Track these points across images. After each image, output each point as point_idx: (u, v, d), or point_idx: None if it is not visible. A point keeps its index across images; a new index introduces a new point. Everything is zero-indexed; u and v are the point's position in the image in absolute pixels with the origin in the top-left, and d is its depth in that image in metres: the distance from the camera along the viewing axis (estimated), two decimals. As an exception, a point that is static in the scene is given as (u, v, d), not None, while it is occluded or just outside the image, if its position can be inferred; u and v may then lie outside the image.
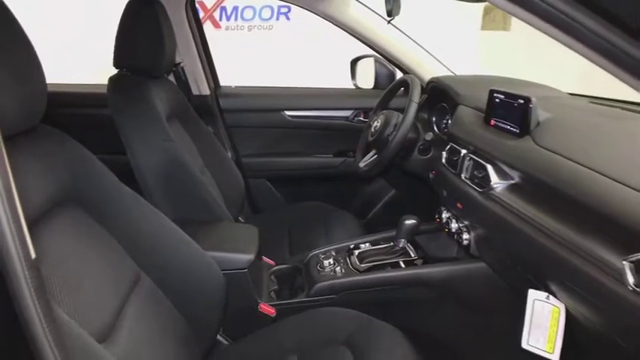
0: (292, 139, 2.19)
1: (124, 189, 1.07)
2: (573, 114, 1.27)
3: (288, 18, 4.73)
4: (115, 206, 1.05)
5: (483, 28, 4.36)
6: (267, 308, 1.38)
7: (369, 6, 1.91)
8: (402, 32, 1.92)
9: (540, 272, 1.05)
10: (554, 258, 0.94)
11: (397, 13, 1.32)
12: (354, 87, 2.22)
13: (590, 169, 0.92)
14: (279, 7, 4.73)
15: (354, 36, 1.97)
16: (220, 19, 4.66)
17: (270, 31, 4.81)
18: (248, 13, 4.73)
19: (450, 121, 1.60)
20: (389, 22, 1.46)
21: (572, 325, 1.01)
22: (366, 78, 2.17)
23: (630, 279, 0.76)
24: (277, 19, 4.77)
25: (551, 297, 1.03)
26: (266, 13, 4.76)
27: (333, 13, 1.89)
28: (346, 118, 2.15)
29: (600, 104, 1.45)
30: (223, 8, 4.65)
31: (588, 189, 0.90)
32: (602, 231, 0.85)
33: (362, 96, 2.17)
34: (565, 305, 1.00)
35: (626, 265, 0.77)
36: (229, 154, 2.07)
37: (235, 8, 4.67)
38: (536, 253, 1.01)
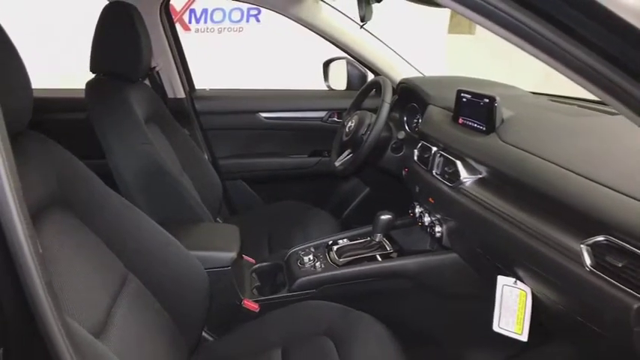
0: (268, 140, 2.22)
1: (109, 192, 1.09)
2: (535, 111, 1.36)
3: (258, 20, 4.75)
4: (102, 209, 1.07)
5: (450, 31, 4.53)
6: (250, 304, 1.42)
7: (341, 10, 1.96)
8: (374, 35, 1.99)
9: (508, 259, 1.12)
10: (519, 245, 1.02)
11: (369, 18, 1.38)
12: (327, 88, 2.28)
13: (551, 162, 1.00)
14: (249, 9, 4.74)
15: (326, 38, 2.02)
16: (190, 22, 4.64)
17: (240, 33, 4.83)
18: (218, 16, 4.73)
19: (420, 120, 1.67)
20: (362, 26, 1.53)
21: (538, 307, 1.09)
22: (339, 79, 2.22)
23: (587, 260, 0.84)
24: (247, 21, 4.78)
25: (518, 282, 1.10)
26: (236, 16, 4.76)
27: (306, 17, 1.93)
28: (320, 118, 2.19)
29: (560, 102, 1.55)
30: (192, 10, 4.63)
31: (549, 181, 0.97)
32: (562, 218, 0.93)
33: (335, 97, 2.22)
34: (531, 289, 1.08)
35: (584, 248, 0.84)
36: (206, 156, 2.09)
37: (205, 11, 4.67)
38: (504, 241, 1.08)
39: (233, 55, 4.63)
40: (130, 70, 1.56)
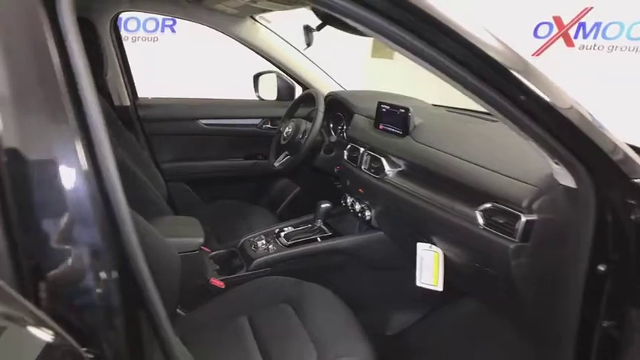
0: (208, 145, 2.41)
1: None
2: (438, 119, 1.76)
3: (173, 30, 4.81)
4: None
5: (373, 55, 5.08)
6: (217, 282, 1.63)
7: (275, 31, 2.25)
8: (304, 55, 2.29)
9: (424, 229, 1.48)
10: (433, 217, 1.37)
11: (311, 44, 1.67)
12: (257, 99, 2.53)
13: (452, 155, 1.37)
14: (164, 19, 4.77)
15: (261, 55, 2.28)
16: (103, 30, 4.59)
17: (155, 43, 4.85)
18: (132, 25, 4.72)
19: (344, 127, 2.01)
20: (305, 48, 1.80)
21: (448, 265, 1.44)
22: (268, 91, 2.47)
23: (480, 221, 1.21)
24: (162, 31, 4.82)
25: (432, 246, 1.46)
26: (150, 25, 4.77)
27: (245, 36, 2.18)
28: (255, 125, 2.44)
29: (453, 112, 1.97)
30: (106, 19, 4.58)
31: (450, 168, 1.35)
32: (461, 194, 1.31)
33: (268, 106, 2.48)
34: (442, 250, 1.44)
35: (477, 213, 1.22)
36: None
37: (119, 19, 4.63)
38: (421, 215, 1.44)
39: (147, 64, 4.63)
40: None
